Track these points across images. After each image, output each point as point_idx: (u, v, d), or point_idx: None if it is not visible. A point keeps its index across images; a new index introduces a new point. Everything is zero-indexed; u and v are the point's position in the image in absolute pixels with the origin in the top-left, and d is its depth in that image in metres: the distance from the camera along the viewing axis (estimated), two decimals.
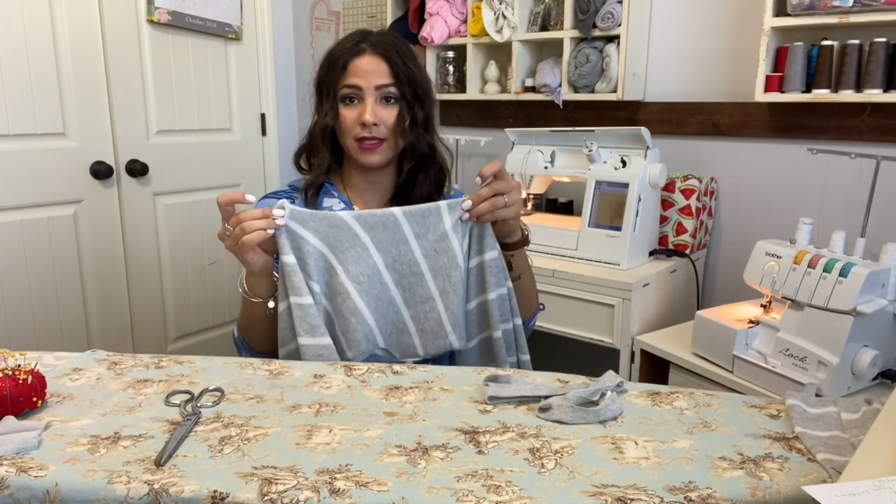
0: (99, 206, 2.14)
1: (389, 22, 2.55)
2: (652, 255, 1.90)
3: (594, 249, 1.85)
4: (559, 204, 2.24)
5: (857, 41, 1.64)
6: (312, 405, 0.86)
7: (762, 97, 1.77)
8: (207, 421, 0.82)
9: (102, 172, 2.11)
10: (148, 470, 0.70)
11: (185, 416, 0.82)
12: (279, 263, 1.04)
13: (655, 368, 1.67)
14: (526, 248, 1.21)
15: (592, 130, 1.90)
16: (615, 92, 2.03)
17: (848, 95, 1.65)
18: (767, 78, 1.76)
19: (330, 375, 0.96)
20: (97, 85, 2.08)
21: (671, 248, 1.95)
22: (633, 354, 1.71)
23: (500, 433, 0.79)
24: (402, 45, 1.21)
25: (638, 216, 1.80)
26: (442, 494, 0.65)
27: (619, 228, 1.81)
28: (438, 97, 2.37)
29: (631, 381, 1.16)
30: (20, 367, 0.84)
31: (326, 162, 1.23)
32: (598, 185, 1.87)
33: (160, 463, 0.71)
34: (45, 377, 0.87)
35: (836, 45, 1.68)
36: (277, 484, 0.66)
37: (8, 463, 0.71)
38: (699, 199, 1.93)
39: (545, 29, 2.17)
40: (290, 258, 1.02)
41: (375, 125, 1.16)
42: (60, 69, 1.99)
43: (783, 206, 1.93)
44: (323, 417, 0.83)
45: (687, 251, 1.93)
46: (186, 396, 0.87)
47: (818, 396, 0.87)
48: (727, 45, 1.96)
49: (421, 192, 1.24)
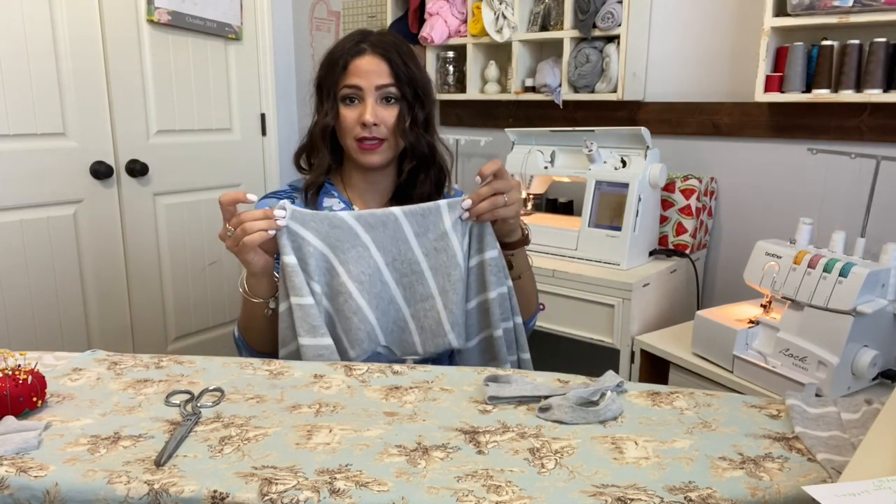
0: (99, 206, 2.14)
1: (389, 22, 2.55)
2: (652, 255, 1.90)
3: (594, 249, 1.85)
4: (559, 204, 2.24)
5: (857, 41, 1.64)
6: (312, 405, 0.86)
7: (762, 97, 1.77)
8: (207, 421, 0.82)
9: (102, 172, 2.11)
10: (148, 470, 0.70)
11: (185, 416, 0.82)
12: (280, 264, 1.04)
13: (655, 368, 1.67)
14: (526, 247, 1.21)
15: (592, 130, 1.90)
16: (615, 92, 2.03)
17: (848, 95, 1.65)
18: (767, 78, 1.76)
19: (330, 375, 0.96)
20: (97, 85, 2.08)
21: (671, 248, 1.95)
22: (633, 354, 1.71)
23: (500, 433, 0.79)
24: (402, 45, 1.21)
25: (638, 216, 1.80)
26: (442, 494, 0.65)
27: (619, 228, 1.81)
28: (438, 97, 2.37)
29: (631, 381, 1.16)
30: (20, 367, 0.85)
31: (326, 162, 1.23)
32: (598, 185, 1.87)
33: (160, 463, 0.71)
34: (45, 377, 0.87)
35: (836, 45, 1.68)
36: (277, 484, 0.66)
37: (8, 463, 0.71)
38: (699, 199, 1.93)
39: (545, 29, 2.17)
40: (290, 259, 1.02)
41: (376, 125, 1.16)
42: (60, 69, 1.99)
43: (783, 206, 1.93)
44: (323, 417, 0.83)
45: (687, 251, 1.93)
46: (186, 396, 0.87)
47: (818, 396, 0.87)
48: (727, 45, 1.96)
49: (421, 192, 1.24)
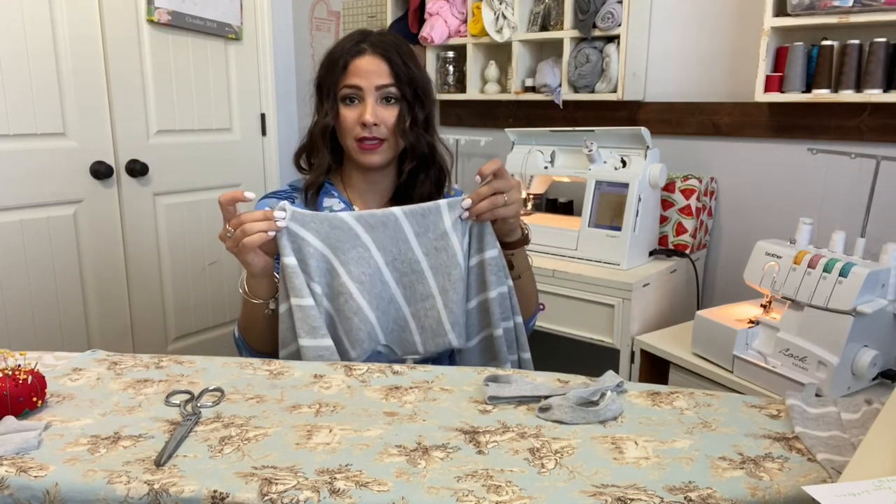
0: (99, 206, 2.14)
1: (389, 22, 2.55)
2: (652, 255, 1.90)
3: (594, 249, 1.85)
4: (559, 204, 2.24)
5: (857, 41, 1.64)
6: (312, 405, 0.86)
7: (762, 97, 1.77)
8: (207, 421, 0.82)
9: (102, 172, 2.11)
10: (148, 470, 0.70)
11: (185, 416, 0.82)
12: (280, 265, 1.04)
13: (655, 368, 1.67)
14: (526, 247, 1.21)
15: (592, 130, 1.90)
16: (615, 92, 2.03)
17: (848, 95, 1.65)
18: (767, 78, 1.76)
19: (330, 375, 0.96)
20: (97, 85, 2.08)
21: (671, 248, 1.95)
22: (633, 354, 1.71)
23: (500, 433, 0.79)
24: (402, 45, 1.21)
25: (638, 216, 1.80)
26: (442, 494, 0.65)
27: (619, 228, 1.81)
28: (438, 97, 2.37)
29: (631, 381, 1.16)
30: (20, 367, 0.85)
31: (326, 162, 1.23)
32: (598, 185, 1.87)
33: (160, 463, 0.71)
34: (45, 377, 0.87)
35: (836, 45, 1.68)
36: (277, 484, 0.66)
37: (8, 463, 0.71)
38: (699, 199, 1.93)
39: (545, 29, 2.17)
40: (290, 260, 1.02)
41: (376, 125, 1.16)
42: (60, 69, 1.99)
43: (783, 206, 1.93)
44: (323, 417, 0.83)
45: (687, 251, 1.93)
46: (186, 396, 0.87)
47: (818, 396, 0.87)
48: (727, 44, 1.96)
49: (421, 192, 1.24)
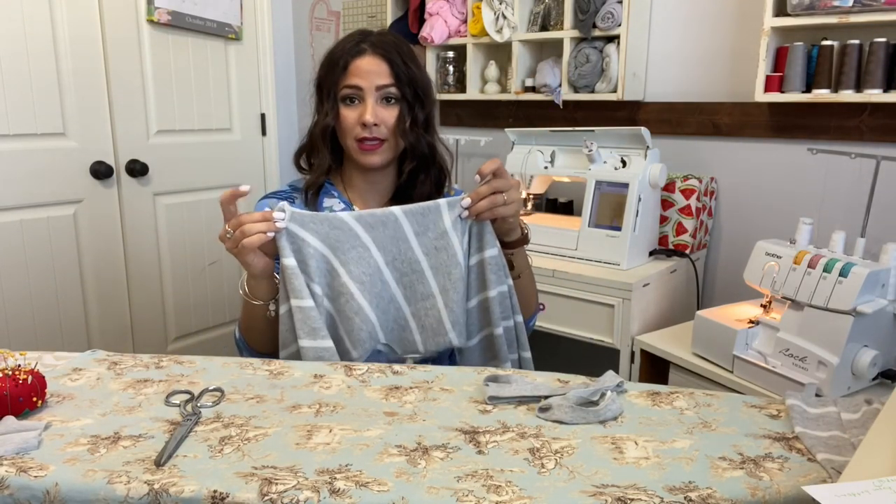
0: (99, 206, 2.14)
1: (389, 22, 2.55)
2: (652, 255, 1.90)
3: (594, 249, 1.85)
4: (559, 204, 2.24)
5: (857, 41, 1.64)
6: (312, 405, 0.86)
7: (762, 97, 1.77)
8: (207, 421, 0.82)
9: (102, 172, 2.11)
10: (148, 470, 0.70)
11: (185, 416, 0.82)
12: (280, 266, 1.04)
13: (655, 368, 1.67)
14: (526, 247, 1.21)
15: (592, 130, 1.90)
16: (615, 92, 2.03)
17: (848, 95, 1.65)
18: (767, 78, 1.76)
19: (330, 375, 0.96)
20: (97, 85, 2.08)
21: (671, 248, 1.95)
22: (633, 354, 1.71)
23: (500, 433, 0.79)
24: (402, 45, 1.21)
25: (638, 216, 1.80)
26: (442, 494, 0.65)
27: (619, 228, 1.81)
28: (438, 97, 2.37)
29: (631, 381, 1.16)
30: (20, 367, 0.85)
31: (327, 162, 1.23)
32: (598, 185, 1.87)
33: (160, 463, 0.71)
34: (45, 377, 0.87)
35: (836, 45, 1.68)
36: (277, 484, 0.66)
37: (8, 463, 0.71)
38: (699, 199, 1.93)
39: (545, 29, 2.17)
40: (290, 261, 1.02)
41: (376, 125, 1.16)
42: (60, 69, 1.99)
43: (783, 206, 1.93)
44: (323, 417, 0.83)
45: (687, 251, 1.93)
46: (186, 396, 0.87)
47: (818, 396, 0.87)
48: (727, 44, 1.96)
49: (421, 192, 1.24)
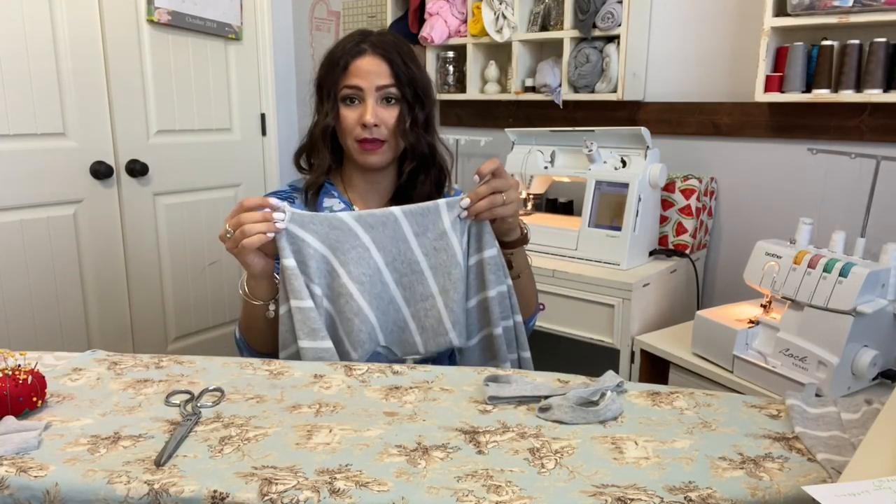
0: (99, 206, 2.14)
1: (389, 22, 2.55)
2: (652, 255, 1.90)
3: (594, 249, 1.85)
4: (559, 204, 2.24)
5: (857, 41, 1.64)
6: (312, 405, 0.86)
7: (762, 97, 1.77)
8: (207, 421, 0.82)
9: (102, 172, 2.11)
10: (148, 470, 0.70)
11: (185, 416, 0.82)
12: (280, 266, 1.04)
13: (655, 368, 1.67)
14: (525, 247, 1.21)
15: (592, 130, 1.90)
16: (615, 92, 2.03)
17: (848, 95, 1.65)
18: (767, 78, 1.76)
19: (330, 375, 0.96)
20: (97, 85, 2.08)
21: (671, 248, 1.95)
22: (633, 354, 1.71)
23: (500, 433, 0.79)
24: (402, 45, 1.21)
25: (638, 216, 1.80)
26: (442, 494, 0.65)
27: (619, 228, 1.81)
28: (438, 97, 2.37)
29: (631, 381, 1.16)
30: (20, 367, 0.85)
31: (327, 162, 1.23)
32: (598, 185, 1.87)
33: (160, 463, 0.71)
34: (45, 377, 0.87)
35: (836, 45, 1.68)
36: (277, 484, 0.66)
37: (8, 463, 0.71)
38: (699, 199, 1.93)
39: (545, 29, 2.17)
40: (290, 261, 1.02)
41: (376, 126, 1.16)
42: (60, 69, 1.99)
43: (783, 206, 1.93)
44: (323, 417, 0.83)
45: (687, 251, 1.93)
46: (186, 396, 0.87)
47: (818, 396, 0.87)
48: (727, 45, 1.96)
49: (421, 192, 1.24)
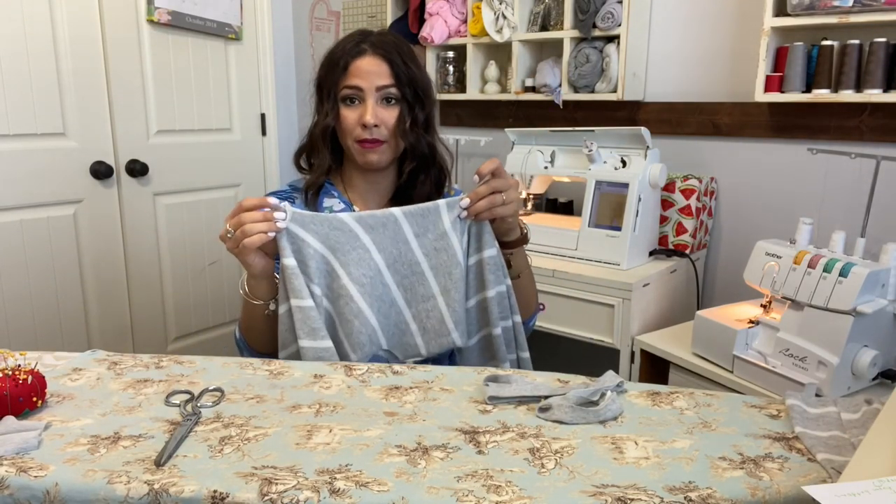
0: (99, 206, 2.14)
1: (389, 22, 2.55)
2: (652, 255, 1.90)
3: (594, 249, 1.85)
4: (559, 204, 2.24)
5: (857, 41, 1.64)
6: (312, 405, 0.86)
7: (762, 97, 1.77)
8: (207, 421, 0.82)
9: (102, 172, 2.11)
10: (148, 470, 0.70)
11: (185, 416, 0.82)
12: (280, 266, 1.04)
13: (655, 368, 1.67)
14: (525, 247, 1.21)
15: (592, 130, 1.90)
16: (615, 92, 2.03)
17: (848, 95, 1.65)
18: (767, 78, 1.76)
19: (330, 375, 0.96)
20: (97, 85, 2.08)
21: (671, 248, 1.95)
22: (633, 354, 1.71)
23: (500, 433, 0.79)
24: (402, 45, 1.21)
25: (638, 216, 1.80)
26: (442, 494, 0.65)
27: (619, 228, 1.81)
28: (438, 97, 2.37)
29: (631, 381, 1.16)
30: (20, 367, 0.85)
31: (327, 162, 1.23)
32: (598, 185, 1.87)
33: (160, 463, 0.71)
34: (45, 377, 0.87)
35: (836, 45, 1.68)
36: (277, 484, 0.66)
37: (8, 463, 0.71)
38: (699, 199, 1.93)
39: (545, 29, 2.17)
40: (290, 261, 1.02)
41: (376, 126, 1.16)
42: (60, 69, 1.99)
43: (783, 206, 1.93)
44: (323, 417, 0.83)
45: (687, 251, 1.93)
46: (186, 396, 0.87)
47: (818, 396, 0.87)
48: (727, 44, 1.96)
49: (421, 192, 1.24)
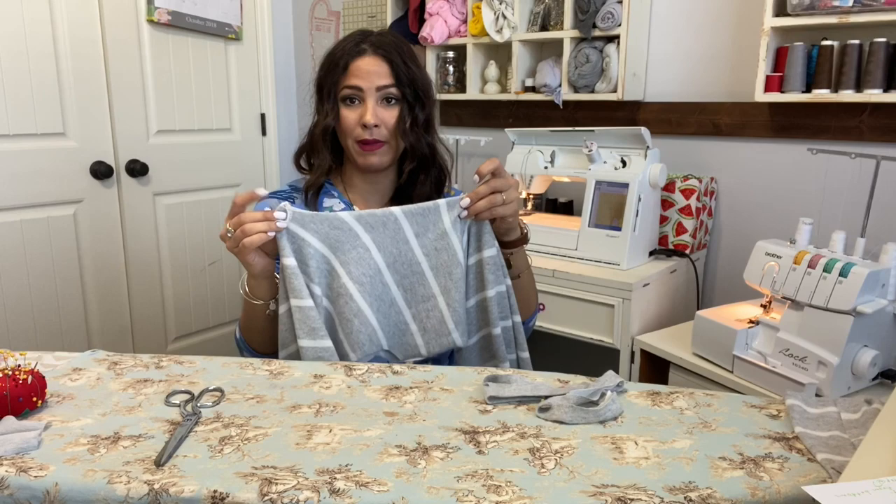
0: (99, 206, 2.14)
1: (389, 22, 2.55)
2: (652, 255, 1.90)
3: (594, 249, 1.85)
4: (559, 204, 2.24)
5: (857, 41, 1.64)
6: (312, 405, 0.86)
7: (762, 97, 1.77)
8: (207, 421, 0.82)
9: (102, 172, 2.11)
10: (148, 470, 0.70)
11: (185, 416, 0.82)
12: (280, 266, 1.04)
13: (655, 368, 1.67)
14: (525, 247, 1.21)
15: (592, 130, 1.90)
16: (615, 92, 2.03)
17: (848, 95, 1.65)
18: (767, 78, 1.76)
19: (330, 375, 0.96)
20: (97, 85, 2.08)
21: (671, 248, 1.95)
22: (633, 354, 1.71)
23: (500, 433, 0.79)
24: (402, 45, 1.21)
25: (638, 216, 1.80)
26: (442, 494, 0.65)
27: (619, 228, 1.81)
28: (438, 97, 2.37)
29: (631, 381, 1.16)
30: (20, 367, 0.85)
31: (327, 162, 1.23)
32: (598, 185, 1.87)
33: (160, 463, 0.71)
34: (45, 377, 0.87)
35: (836, 45, 1.68)
36: (277, 484, 0.66)
37: (8, 463, 0.71)
38: (699, 199, 1.93)
39: (545, 29, 2.17)
40: (290, 261, 1.02)
41: (376, 126, 1.16)
42: (60, 69, 1.99)
43: (783, 206, 1.93)
44: (323, 417, 0.83)
45: (687, 251, 1.93)
46: (186, 396, 0.87)
47: (818, 396, 0.87)
48: (727, 45, 1.96)
49: (421, 192, 1.24)
